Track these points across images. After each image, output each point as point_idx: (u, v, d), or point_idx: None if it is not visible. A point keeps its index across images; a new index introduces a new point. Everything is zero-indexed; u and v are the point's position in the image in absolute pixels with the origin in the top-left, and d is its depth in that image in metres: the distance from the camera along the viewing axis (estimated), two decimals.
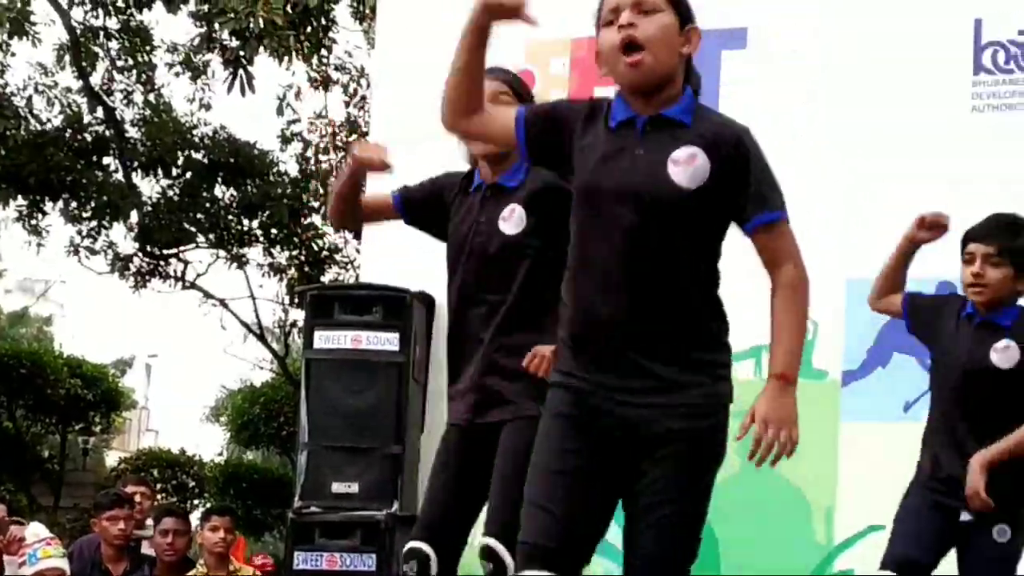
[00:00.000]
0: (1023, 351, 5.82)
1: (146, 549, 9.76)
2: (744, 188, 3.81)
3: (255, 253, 19.96)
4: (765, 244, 3.83)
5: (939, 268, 6.39)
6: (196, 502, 16.33)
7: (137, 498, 10.42)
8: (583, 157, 3.92)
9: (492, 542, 4.62)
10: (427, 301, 8.61)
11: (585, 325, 3.88)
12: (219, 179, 19.19)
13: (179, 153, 19.02)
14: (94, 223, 19.27)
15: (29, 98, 18.91)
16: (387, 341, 8.51)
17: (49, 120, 18.98)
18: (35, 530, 9.05)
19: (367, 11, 13.73)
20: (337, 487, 8.44)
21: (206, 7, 16.24)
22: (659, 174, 3.80)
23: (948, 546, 5.84)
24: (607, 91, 8.95)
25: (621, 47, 3.89)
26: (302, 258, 19.33)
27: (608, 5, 3.97)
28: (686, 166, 3.79)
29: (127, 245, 19.65)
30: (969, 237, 5.90)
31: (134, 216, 19.01)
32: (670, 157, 3.81)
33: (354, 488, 8.40)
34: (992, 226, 5.90)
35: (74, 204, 19.06)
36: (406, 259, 8.64)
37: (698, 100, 3.98)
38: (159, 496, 13.04)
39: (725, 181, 3.79)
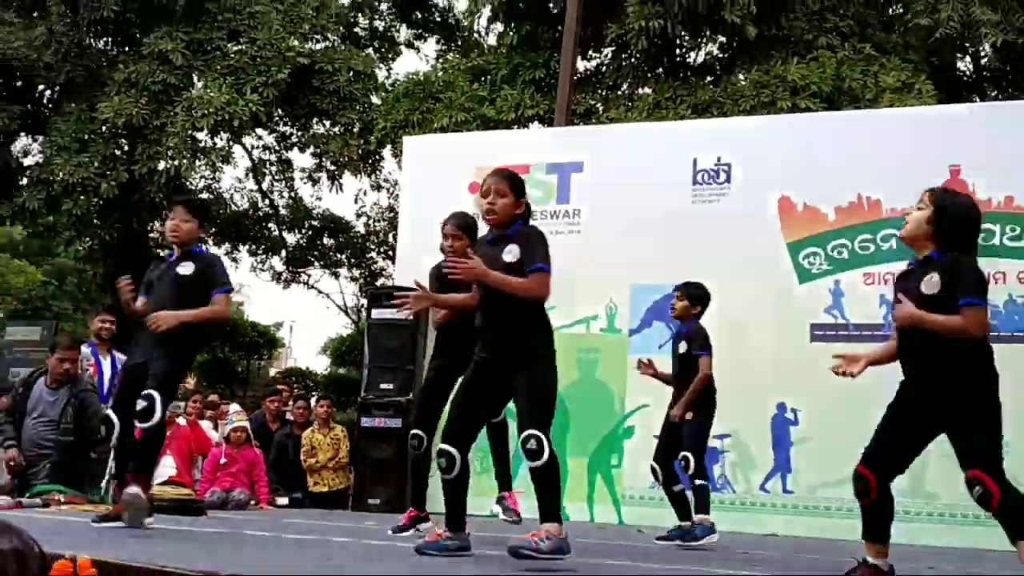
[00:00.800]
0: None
1: (288, 416, 9.69)
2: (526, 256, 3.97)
3: (344, 271, 19.82)
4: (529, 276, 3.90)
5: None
6: (313, 394, 16.12)
7: (284, 391, 10.36)
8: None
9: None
10: None
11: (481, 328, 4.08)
12: (326, 234, 19.01)
13: (306, 221, 18.83)
14: (264, 256, 19.16)
15: (231, 194, 18.77)
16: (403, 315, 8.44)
17: (241, 205, 18.82)
18: (233, 407, 8.97)
19: (399, 152, 13.66)
20: (383, 386, 8.36)
21: (320, 149, 16.14)
22: (499, 259, 3.96)
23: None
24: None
25: (484, 213, 4.06)
26: (366, 273, 19.22)
27: (484, 186, 4.09)
28: (510, 254, 3.96)
29: (280, 267, 19.46)
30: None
31: (283, 253, 18.86)
32: (503, 251, 3.98)
33: (391, 386, 8.34)
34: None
35: (253, 246, 18.95)
36: (417, 274, 8.59)
37: (527, 224, 4.08)
38: (295, 390, 12.92)
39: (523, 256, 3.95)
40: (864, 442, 3.59)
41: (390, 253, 18.19)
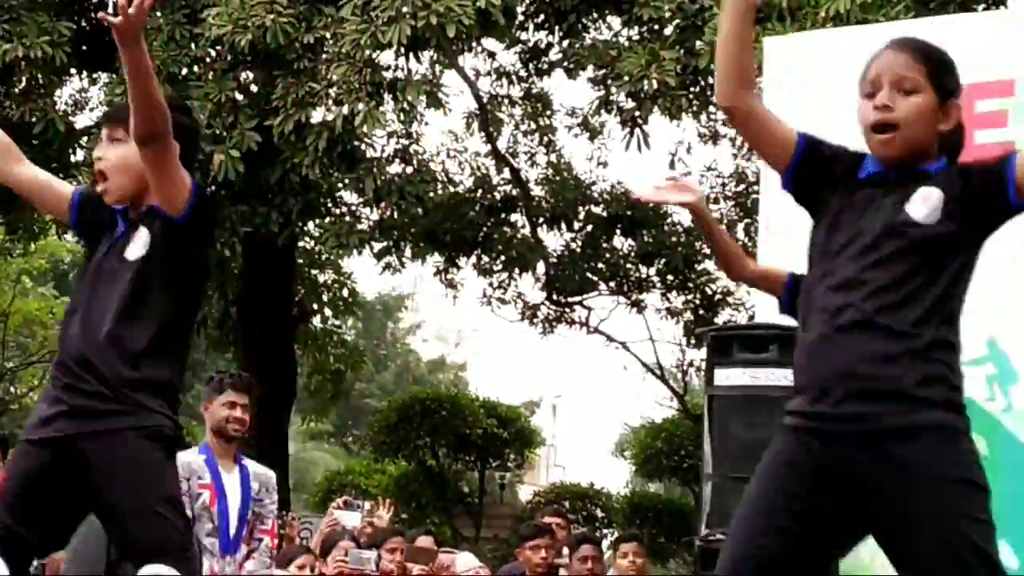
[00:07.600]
0: None
1: None
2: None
3: (652, 298, 20.05)
4: None
5: None
6: (607, 533, 16.38)
7: (556, 528, 10.58)
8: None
9: None
10: None
11: None
12: (617, 230, 19.32)
13: (580, 208, 19.21)
14: (504, 275, 19.62)
15: (443, 163, 19.37)
16: (783, 377, 8.44)
17: (461, 182, 19.37)
18: (466, 560, 9.16)
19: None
20: None
21: (603, 72, 16.36)
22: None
23: None
24: None
25: (874, 127, 3.81)
26: (696, 301, 19.35)
27: (869, 75, 3.85)
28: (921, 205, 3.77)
29: (535, 294, 19.94)
30: None
31: (540, 267, 19.29)
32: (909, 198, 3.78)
33: None
34: None
35: (485, 258, 19.44)
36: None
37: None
38: (573, 526, 13.19)
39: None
40: None
41: None
